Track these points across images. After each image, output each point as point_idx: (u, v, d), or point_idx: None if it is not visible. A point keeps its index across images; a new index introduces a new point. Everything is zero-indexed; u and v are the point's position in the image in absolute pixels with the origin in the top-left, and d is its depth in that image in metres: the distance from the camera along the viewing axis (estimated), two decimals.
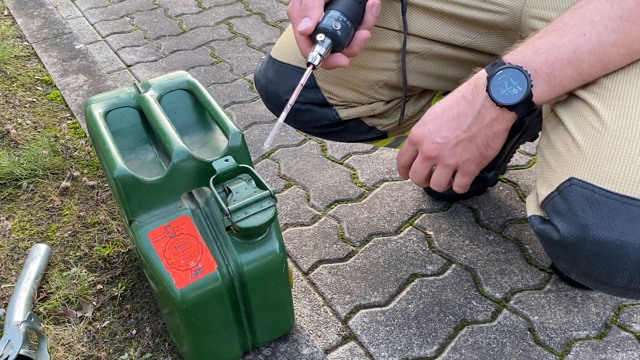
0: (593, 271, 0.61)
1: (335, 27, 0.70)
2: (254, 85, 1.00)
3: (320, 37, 0.71)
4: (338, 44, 0.72)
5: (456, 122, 0.68)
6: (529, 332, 0.95)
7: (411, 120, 0.99)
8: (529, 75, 0.62)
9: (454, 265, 1.08)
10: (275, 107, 0.94)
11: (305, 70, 0.72)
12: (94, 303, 0.97)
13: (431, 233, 1.15)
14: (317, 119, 0.94)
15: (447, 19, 0.83)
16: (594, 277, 0.61)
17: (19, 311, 0.90)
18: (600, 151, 0.59)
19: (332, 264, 1.09)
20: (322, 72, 0.90)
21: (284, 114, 0.70)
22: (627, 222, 0.56)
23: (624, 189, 0.57)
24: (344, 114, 0.94)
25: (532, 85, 0.62)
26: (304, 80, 0.71)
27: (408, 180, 1.28)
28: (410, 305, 1.01)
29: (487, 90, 0.64)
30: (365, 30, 0.75)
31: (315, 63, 0.70)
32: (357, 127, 0.97)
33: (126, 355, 0.89)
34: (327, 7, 0.72)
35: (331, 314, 1.00)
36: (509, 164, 1.26)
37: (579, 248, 0.60)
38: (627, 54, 0.61)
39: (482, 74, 0.66)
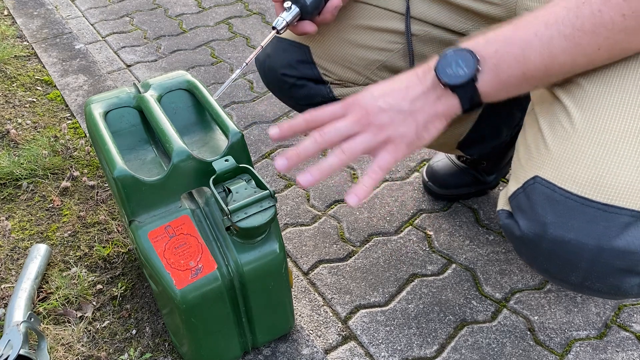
0: (550, 268, 0.62)
1: None
2: (255, 63, 1.01)
3: (287, 4, 0.78)
4: (305, 11, 0.78)
5: (403, 93, 0.65)
6: (529, 332, 0.95)
7: None
8: (478, 60, 0.62)
9: (454, 265, 1.08)
10: (272, 82, 0.96)
11: (301, 45, 0.76)
12: (94, 303, 0.97)
13: (431, 233, 1.15)
14: (311, 95, 0.95)
15: (446, 5, 0.85)
16: (552, 274, 0.63)
17: (19, 311, 0.90)
18: (565, 152, 0.60)
19: (332, 264, 1.09)
20: (319, 48, 0.91)
21: (238, 71, 0.76)
22: (583, 223, 0.58)
23: (583, 190, 0.58)
24: (338, 92, 0.95)
25: (478, 69, 0.62)
26: (265, 42, 0.78)
27: (408, 180, 1.28)
28: (410, 305, 1.01)
29: (435, 69, 0.63)
30: None
31: (278, 27, 0.78)
32: None
33: (126, 355, 0.89)
34: None
35: (331, 314, 1.00)
36: (510, 167, 1.26)
37: (537, 245, 0.61)
38: (570, 65, 0.61)
39: (436, 56, 0.65)
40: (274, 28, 0.78)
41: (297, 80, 0.94)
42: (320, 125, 0.67)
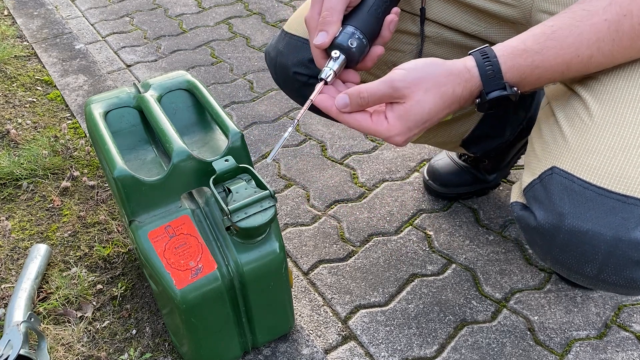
0: (565, 259, 0.62)
1: (351, 45, 0.71)
2: (264, 59, 1.00)
3: (335, 53, 0.71)
4: (352, 60, 0.72)
5: (447, 110, 0.66)
6: (529, 332, 0.95)
7: None
8: (518, 93, 0.64)
9: (454, 265, 1.08)
10: (283, 80, 0.95)
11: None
12: (94, 303, 0.97)
13: (431, 233, 1.15)
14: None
15: (460, 6, 0.85)
16: (566, 266, 0.63)
17: (19, 311, 0.90)
18: (584, 143, 0.60)
19: (332, 264, 1.09)
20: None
21: (290, 129, 0.69)
22: (601, 214, 0.58)
23: (602, 181, 0.58)
24: None
25: (518, 93, 0.65)
26: (314, 95, 0.70)
27: (408, 180, 1.28)
28: (410, 305, 1.01)
29: (477, 105, 0.65)
30: (380, 46, 0.75)
31: (328, 80, 0.70)
32: None
33: (126, 355, 0.89)
34: (345, 20, 0.72)
35: (331, 314, 1.00)
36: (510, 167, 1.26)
37: (553, 235, 0.61)
38: (598, 69, 0.63)
39: (477, 81, 0.64)
40: (321, 79, 0.71)
41: (308, 79, 0.92)
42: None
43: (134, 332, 0.92)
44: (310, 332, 0.96)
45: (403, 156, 1.35)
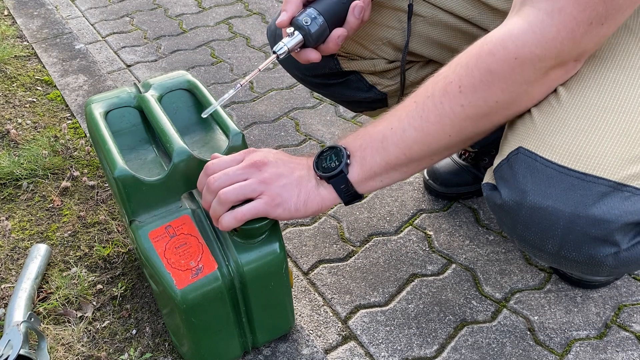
0: (528, 236, 0.64)
1: (306, 23, 0.75)
2: (265, 34, 1.02)
3: (289, 29, 0.76)
4: (309, 40, 0.76)
5: (294, 165, 0.73)
6: (529, 332, 0.95)
7: (413, 88, 1.02)
8: (348, 155, 0.70)
9: (454, 265, 1.08)
10: None
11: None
12: (94, 303, 0.97)
13: (431, 233, 1.15)
14: (318, 66, 0.96)
15: None
16: (530, 243, 0.65)
17: (19, 311, 0.90)
18: (549, 124, 0.63)
19: (332, 264, 1.09)
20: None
21: (232, 92, 0.75)
22: (560, 191, 0.60)
23: (564, 160, 0.60)
24: (346, 65, 0.97)
25: (347, 164, 0.70)
26: (263, 66, 0.76)
27: (408, 180, 1.28)
28: (410, 305, 1.01)
29: (314, 163, 0.72)
30: (341, 28, 0.79)
31: (279, 52, 0.76)
32: (357, 83, 1.00)
33: (126, 355, 0.89)
34: (311, 4, 0.77)
35: (331, 314, 1.00)
36: None
37: (516, 212, 0.63)
38: (428, 151, 0.68)
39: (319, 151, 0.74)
40: (274, 52, 0.76)
41: None
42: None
43: (134, 332, 0.92)
44: (310, 332, 0.96)
45: None
